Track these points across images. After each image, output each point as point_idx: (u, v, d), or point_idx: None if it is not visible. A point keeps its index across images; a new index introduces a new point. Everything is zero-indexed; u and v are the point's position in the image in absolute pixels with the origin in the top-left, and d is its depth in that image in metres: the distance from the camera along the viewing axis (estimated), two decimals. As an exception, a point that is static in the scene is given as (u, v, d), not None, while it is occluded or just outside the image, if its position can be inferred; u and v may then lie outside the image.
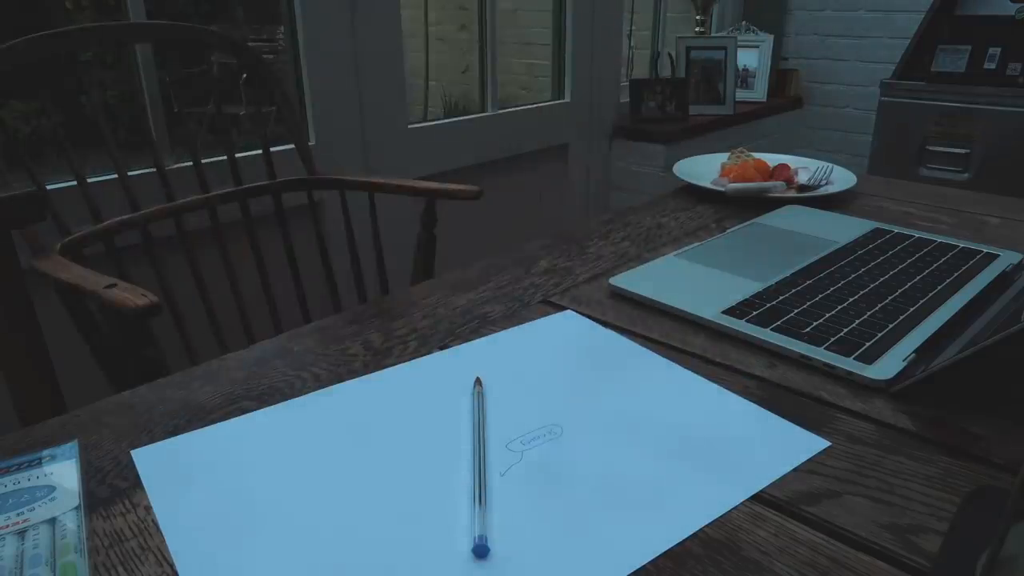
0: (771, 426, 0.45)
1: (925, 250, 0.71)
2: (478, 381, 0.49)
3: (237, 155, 1.11)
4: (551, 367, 0.52)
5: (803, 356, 0.51)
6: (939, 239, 0.75)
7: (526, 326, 0.58)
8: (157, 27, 1.05)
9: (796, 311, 0.57)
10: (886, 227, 0.79)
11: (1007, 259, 0.69)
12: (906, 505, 0.38)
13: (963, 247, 0.72)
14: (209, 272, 1.07)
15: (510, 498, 0.39)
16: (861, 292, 0.61)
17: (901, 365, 0.49)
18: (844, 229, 0.78)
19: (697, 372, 0.51)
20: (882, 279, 0.64)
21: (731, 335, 0.56)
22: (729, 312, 0.57)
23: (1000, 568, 0.28)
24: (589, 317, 0.60)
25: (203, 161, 1.06)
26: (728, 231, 0.78)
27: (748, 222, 0.81)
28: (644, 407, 0.47)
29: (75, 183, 0.92)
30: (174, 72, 1.53)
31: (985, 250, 0.71)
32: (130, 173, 0.99)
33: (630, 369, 0.52)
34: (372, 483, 0.40)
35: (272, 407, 0.48)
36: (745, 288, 0.62)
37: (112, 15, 1.45)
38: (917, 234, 0.76)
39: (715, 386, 0.50)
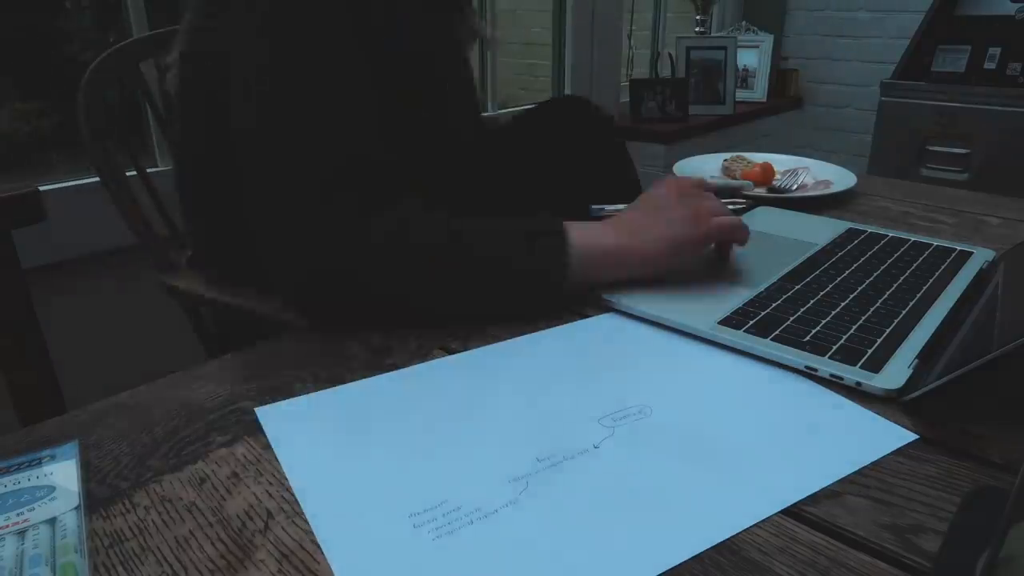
0: (856, 416, 0.46)
1: (902, 249, 0.72)
2: None
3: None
4: (619, 358, 0.54)
5: (808, 368, 0.51)
6: (913, 238, 0.75)
7: (568, 326, 0.59)
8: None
9: (792, 319, 0.57)
10: (859, 227, 0.79)
11: (981, 256, 0.69)
12: (906, 505, 0.38)
13: (937, 245, 0.72)
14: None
15: (604, 464, 0.41)
16: (850, 296, 0.61)
17: (908, 373, 0.49)
18: (818, 230, 0.78)
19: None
20: (868, 281, 0.64)
21: (730, 347, 0.55)
22: (726, 323, 0.56)
23: (1000, 568, 0.28)
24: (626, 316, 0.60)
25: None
26: None
27: None
28: (720, 400, 0.48)
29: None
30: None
31: (959, 248, 0.71)
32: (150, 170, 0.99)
33: (697, 366, 0.53)
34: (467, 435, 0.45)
35: (380, 376, 0.51)
36: (736, 296, 0.61)
37: (112, 14, 1.45)
38: (891, 233, 0.76)
39: (791, 374, 0.51)
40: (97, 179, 0.89)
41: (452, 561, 0.35)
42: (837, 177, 0.99)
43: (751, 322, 0.56)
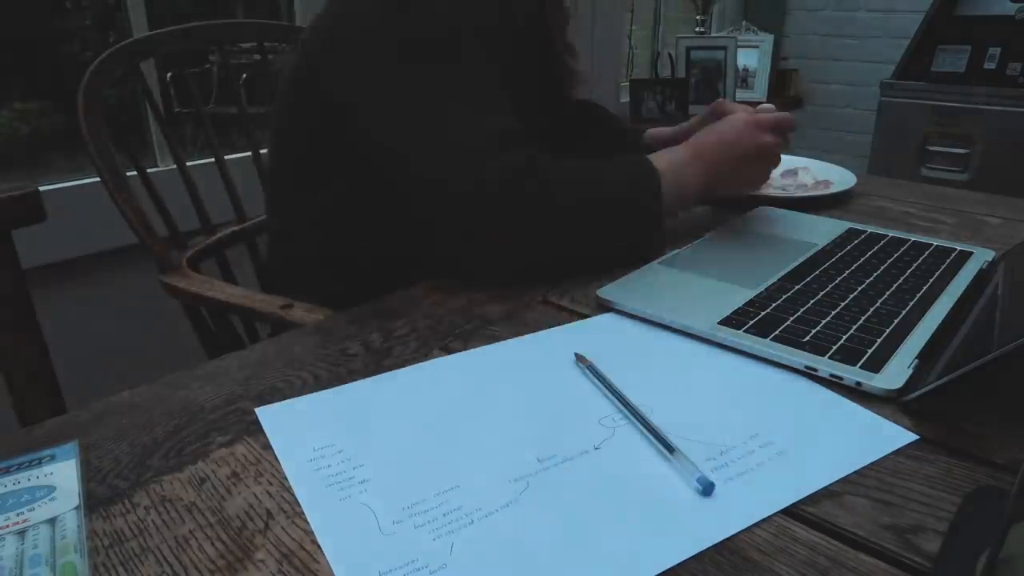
0: (856, 416, 0.46)
1: (902, 249, 0.72)
2: (580, 357, 0.52)
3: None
4: (619, 358, 0.54)
5: (808, 368, 0.51)
6: (913, 238, 0.75)
7: (568, 326, 0.59)
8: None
9: (792, 319, 0.57)
10: (859, 227, 0.79)
11: (981, 256, 0.69)
12: (906, 505, 0.38)
13: (937, 245, 0.72)
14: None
15: (605, 465, 0.42)
16: (851, 296, 0.61)
17: (908, 373, 0.49)
18: (818, 230, 0.78)
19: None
20: (867, 281, 0.64)
21: (730, 347, 0.55)
22: (725, 323, 0.56)
23: (1000, 568, 0.28)
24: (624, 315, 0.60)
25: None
26: (706, 236, 0.78)
27: (723, 225, 0.81)
28: (720, 399, 0.48)
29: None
30: (173, 71, 1.53)
31: (959, 248, 0.71)
32: (149, 170, 0.99)
33: (697, 365, 0.53)
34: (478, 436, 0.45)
35: (380, 376, 0.52)
36: (736, 296, 0.61)
37: (112, 15, 1.45)
38: (891, 233, 0.76)
39: (791, 375, 0.51)
40: (97, 179, 0.89)
41: (453, 561, 0.35)
42: (837, 177, 0.99)
43: (751, 322, 0.56)
